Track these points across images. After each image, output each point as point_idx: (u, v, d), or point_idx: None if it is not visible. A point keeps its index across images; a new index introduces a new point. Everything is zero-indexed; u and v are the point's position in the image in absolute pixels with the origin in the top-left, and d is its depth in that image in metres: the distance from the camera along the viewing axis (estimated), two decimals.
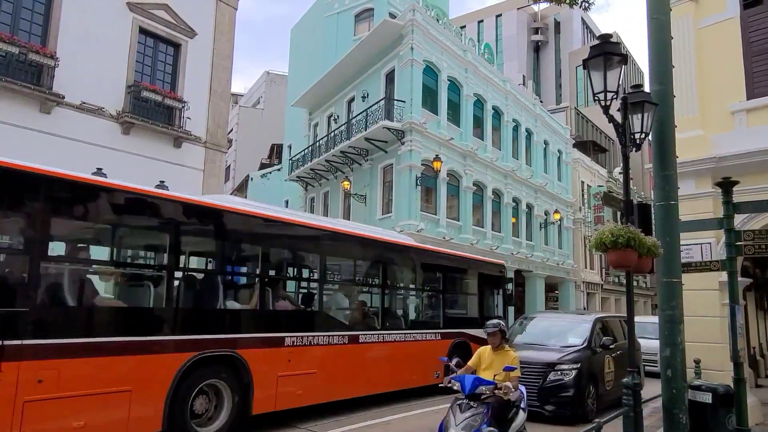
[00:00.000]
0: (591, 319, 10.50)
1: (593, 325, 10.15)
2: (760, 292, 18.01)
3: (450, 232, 21.61)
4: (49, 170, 6.37)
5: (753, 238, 7.59)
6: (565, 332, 10.26)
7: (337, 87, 26.10)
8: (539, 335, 10.44)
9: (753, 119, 9.13)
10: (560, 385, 8.84)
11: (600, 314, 11.48)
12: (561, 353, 9.32)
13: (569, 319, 11.61)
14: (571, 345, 9.67)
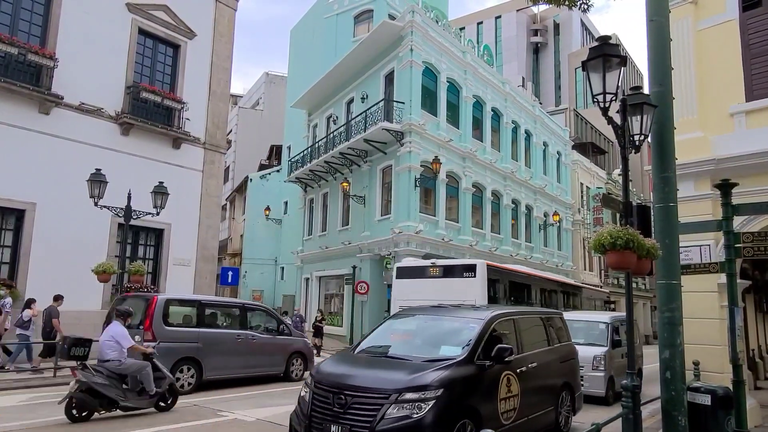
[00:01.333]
0: (484, 318, 6.55)
1: (484, 327, 6.33)
2: (759, 294, 18.00)
3: (449, 233, 21.60)
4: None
5: (752, 240, 7.58)
6: (441, 338, 6.58)
7: (336, 88, 26.10)
8: (400, 343, 6.89)
9: (752, 121, 9.12)
10: (405, 426, 5.10)
11: (504, 309, 7.31)
12: (416, 372, 5.48)
13: (453, 317, 7.00)
14: (443, 358, 5.88)
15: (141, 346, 8.32)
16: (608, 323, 11.88)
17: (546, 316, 8.33)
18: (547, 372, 7.36)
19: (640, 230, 5.40)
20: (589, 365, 10.72)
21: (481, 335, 6.22)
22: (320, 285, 26.37)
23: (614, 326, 12.04)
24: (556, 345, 7.99)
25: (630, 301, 5.86)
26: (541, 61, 66.72)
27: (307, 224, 28.28)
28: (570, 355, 8.36)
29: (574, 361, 8.45)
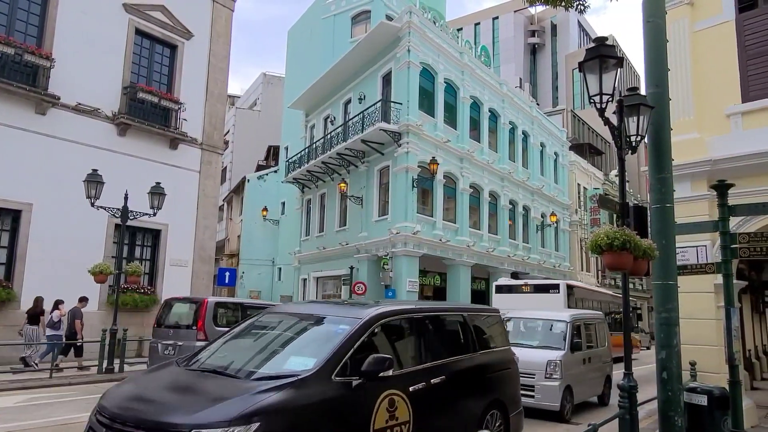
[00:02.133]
0: (361, 318, 4.80)
1: (357, 331, 4.62)
2: (755, 294, 18.05)
3: (446, 234, 21.61)
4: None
5: (748, 240, 7.60)
6: (299, 344, 4.92)
7: (333, 89, 26.10)
8: (242, 351, 5.03)
9: (748, 122, 9.16)
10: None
11: (397, 306, 5.52)
12: (229, 397, 3.81)
13: (328, 316, 5.20)
14: (283, 374, 4.16)
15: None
16: (567, 322, 10.17)
17: (470, 314, 6.44)
18: (464, 388, 5.63)
19: (636, 231, 5.42)
20: (542, 373, 9.18)
21: (348, 342, 4.40)
22: (318, 286, 26.36)
23: (575, 326, 10.26)
24: (482, 352, 6.22)
25: (627, 302, 5.87)
26: (538, 62, 66.83)
27: (305, 225, 28.26)
28: (504, 364, 6.61)
29: (509, 371, 6.68)
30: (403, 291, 19.33)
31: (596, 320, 11.84)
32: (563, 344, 9.72)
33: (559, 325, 10.26)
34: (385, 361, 4.37)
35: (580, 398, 9.82)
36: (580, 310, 14.26)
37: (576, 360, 9.82)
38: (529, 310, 11.91)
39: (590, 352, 10.65)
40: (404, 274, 19.59)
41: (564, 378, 9.15)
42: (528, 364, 9.06)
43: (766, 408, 10.90)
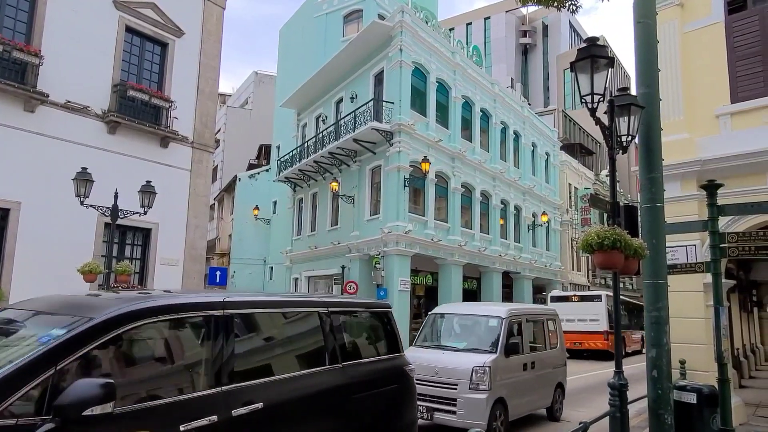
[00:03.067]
0: (86, 320, 2.97)
1: (62, 343, 2.79)
2: (743, 293, 18.24)
3: (438, 233, 21.64)
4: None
5: (737, 240, 7.67)
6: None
7: (325, 88, 26.06)
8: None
9: (737, 123, 9.24)
10: None
11: (153, 301, 3.38)
12: None
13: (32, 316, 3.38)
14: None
15: None
16: (502, 318, 8.30)
17: (329, 312, 4.70)
18: (301, 418, 4.05)
19: (627, 230, 5.44)
20: (466, 382, 7.43)
21: (41, 359, 2.71)
22: (309, 285, 26.31)
23: (512, 323, 8.44)
24: (348, 364, 4.68)
25: (617, 301, 5.90)
26: (529, 62, 67.07)
27: (296, 224, 28.20)
28: (385, 379, 5.10)
29: (391, 390, 5.10)
30: (395, 290, 19.34)
31: (545, 316, 9.95)
32: (496, 346, 7.95)
33: (493, 322, 8.38)
34: (100, 389, 2.60)
35: (519, 413, 8.20)
36: (524, 305, 13.26)
37: (512, 365, 8.09)
38: (464, 306, 10.73)
39: (534, 356, 8.92)
40: (396, 274, 19.59)
41: (494, 389, 7.46)
42: (450, 372, 7.56)
43: (754, 406, 11.01)
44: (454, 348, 8.29)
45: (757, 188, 8.68)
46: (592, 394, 12.71)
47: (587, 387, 14.02)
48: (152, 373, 3.30)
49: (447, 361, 7.76)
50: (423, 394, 7.32)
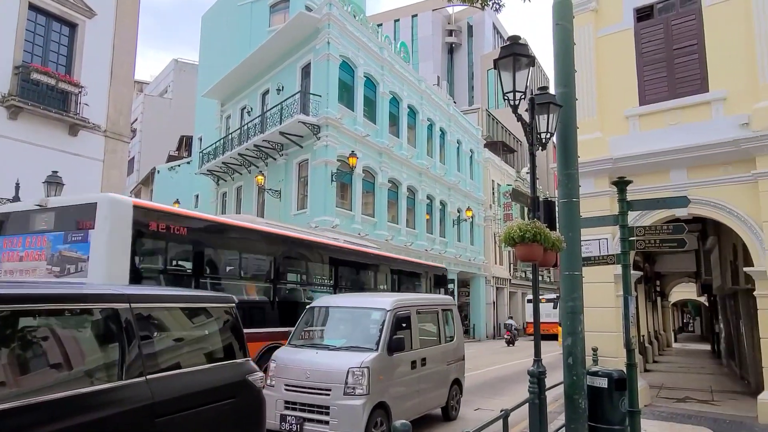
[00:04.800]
0: None
1: None
2: (648, 284, 19.63)
3: (365, 228, 21.67)
4: None
5: (644, 233, 8.18)
6: None
7: (251, 78, 25.35)
8: None
9: (645, 124, 9.87)
10: None
11: None
12: None
13: None
14: None
15: None
16: (387, 311, 7.26)
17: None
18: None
19: (546, 224, 5.65)
20: (340, 387, 6.39)
21: None
22: None
23: (398, 316, 7.40)
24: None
25: (536, 292, 6.12)
26: (455, 61, 68.61)
27: None
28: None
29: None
30: None
31: (440, 307, 9.00)
32: (377, 343, 6.92)
33: (376, 315, 7.35)
34: None
35: (407, 417, 6.92)
36: (416, 294, 11.87)
37: (397, 364, 7.14)
38: (348, 297, 9.16)
39: (426, 351, 7.97)
40: None
41: (373, 393, 6.47)
42: (323, 375, 6.53)
43: (657, 388, 11.86)
44: (330, 347, 7.20)
45: (662, 185, 9.32)
46: (509, 383, 13.20)
47: (505, 377, 14.57)
48: None
49: (320, 362, 6.72)
50: (293, 402, 6.56)
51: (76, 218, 7.02)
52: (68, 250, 7.02)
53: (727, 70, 9.02)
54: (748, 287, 10.00)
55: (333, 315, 7.95)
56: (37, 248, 7.28)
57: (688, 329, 56.26)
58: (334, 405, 6.35)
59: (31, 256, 7.28)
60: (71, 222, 7.03)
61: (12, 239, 7.50)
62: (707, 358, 21.38)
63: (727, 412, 9.28)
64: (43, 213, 7.33)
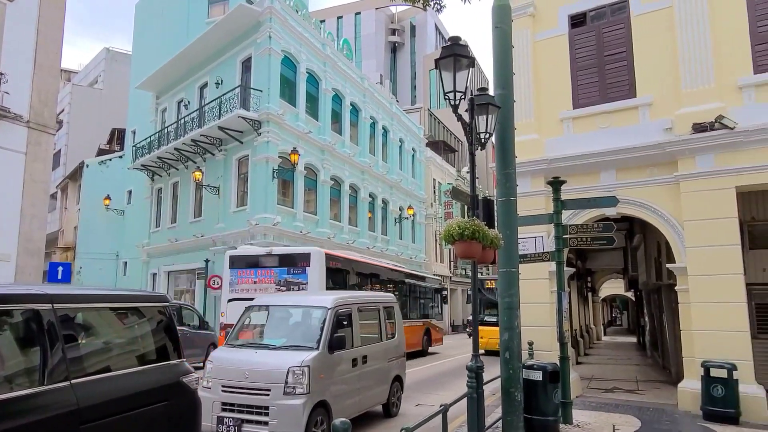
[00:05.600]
0: None
1: None
2: (580, 281, 20.51)
3: (307, 226, 21.47)
4: None
5: (576, 231, 8.54)
6: None
7: (188, 71, 24.52)
8: None
9: (578, 126, 10.28)
10: None
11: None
12: None
13: None
14: None
15: None
16: (328, 309, 7.24)
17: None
18: None
19: (485, 222, 5.77)
20: (280, 386, 6.29)
21: None
22: (169, 280, 24.70)
23: (339, 314, 7.38)
24: None
25: (476, 289, 6.24)
26: (398, 60, 69.08)
27: (155, 215, 26.30)
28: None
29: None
30: None
31: (382, 304, 8.98)
32: (317, 341, 6.86)
33: (316, 313, 7.33)
34: None
35: (348, 415, 7.06)
36: (357, 292, 12.06)
37: (338, 362, 7.08)
38: (288, 295, 9.35)
39: (367, 349, 7.95)
40: None
41: (314, 392, 6.41)
42: (262, 375, 6.42)
43: (588, 379, 12.41)
44: (270, 346, 7.08)
45: (593, 185, 9.74)
46: (451, 377, 13.44)
47: (447, 372, 14.81)
48: None
49: (259, 362, 6.62)
50: (231, 403, 6.44)
51: (295, 260, 13.21)
52: (291, 278, 13.05)
53: (653, 77, 9.53)
54: (670, 282, 10.63)
55: (273, 314, 7.85)
56: (267, 276, 13.32)
57: (617, 323, 59.13)
58: (273, 405, 6.25)
59: (262, 281, 13.30)
60: (290, 262, 13.25)
61: (245, 271, 13.71)
62: (633, 350, 22.58)
63: (650, 401, 9.83)
64: (270, 257, 13.51)
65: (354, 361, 7.51)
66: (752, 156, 8.42)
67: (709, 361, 8.11)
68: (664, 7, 9.50)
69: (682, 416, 8.39)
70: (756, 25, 8.74)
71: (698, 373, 8.26)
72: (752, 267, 9.43)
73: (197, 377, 4.81)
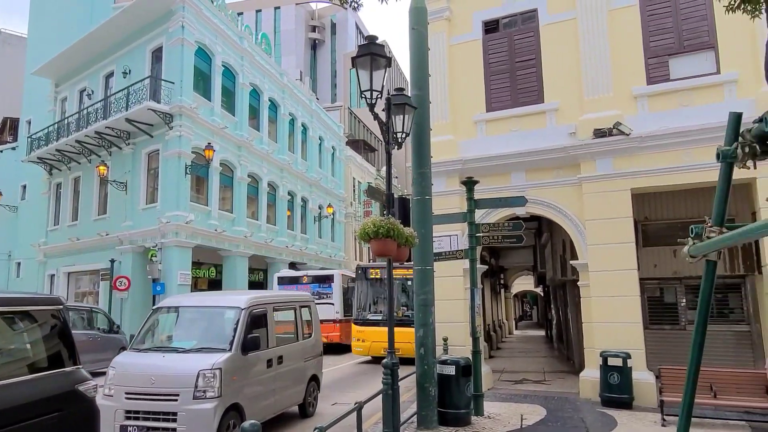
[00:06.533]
0: None
1: None
2: (493, 278, 21.33)
3: (222, 224, 20.78)
4: None
5: (489, 230, 8.86)
6: None
7: (92, 58, 22.93)
8: None
9: (491, 129, 10.68)
10: None
11: None
12: None
13: None
14: None
15: None
16: (241, 309, 7.01)
17: None
18: None
19: (400, 220, 5.85)
20: (190, 390, 6.05)
21: None
22: (69, 282, 23.03)
23: (253, 314, 7.17)
24: None
25: (391, 286, 6.31)
26: (318, 57, 68.53)
27: (53, 212, 24.40)
28: None
29: None
30: (173, 284, 18.02)
31: (298, 303, 8.88)
32: (230, 343, 6.64)
33: (229, 314, 7.08)
34: None
35: (263, 417, 7.00)
36: (273, 291, 12.30)
37: (252, 364, 6.90)
38: (199, 296, 9.24)
39: (283, 349, 7.82)
40: (175, 267, 18.27)
41: (226, 395, 6.21)
42: (170, 379, 6.17)
43: (499, 372, 12.93)
44: (179, 349, 6.79)
45: (505, 186, 10.15)
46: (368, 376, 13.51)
47: (365, 371, 14.88)
48: None
49: (167, 366, 6.34)
50: (135, 411, 6.09)
51: (324, 278, 19.79)
52: (321, 290, 19.19)
53: (559, 84, 10.08)
54: (574, 278, 11.29)
55: (183, 316, 7.55)
56: (304, 290, 17.62)
57: (528, 317, 62.08)
58: (182, 410, 5.98)
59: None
60: (320, 279, 19.74)
61: (287, 287, 19.22)
62: (542, 343, 23.83)
63: (556, 390, 10.41)
64: (306, 278, 19.88)
65: (269, 361, 7.35)
66: (645, 161, 9.12)
67: (607, 351, 8.70)
68: (569, 19, 10.07)
69: (583, 403, 8.94)
70: (649, 40, 9.48)
71: (597, 362, 8.83)
72: (645, 263, 10.21)
73: (95, 384, 4.52)
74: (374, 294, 17.07)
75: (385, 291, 14.97)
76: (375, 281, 17.14)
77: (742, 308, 9.95)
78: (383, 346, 12.54)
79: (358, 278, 17.26)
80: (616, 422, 7.62)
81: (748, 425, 7.43)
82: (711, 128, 8.25)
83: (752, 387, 7.32)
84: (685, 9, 9.24)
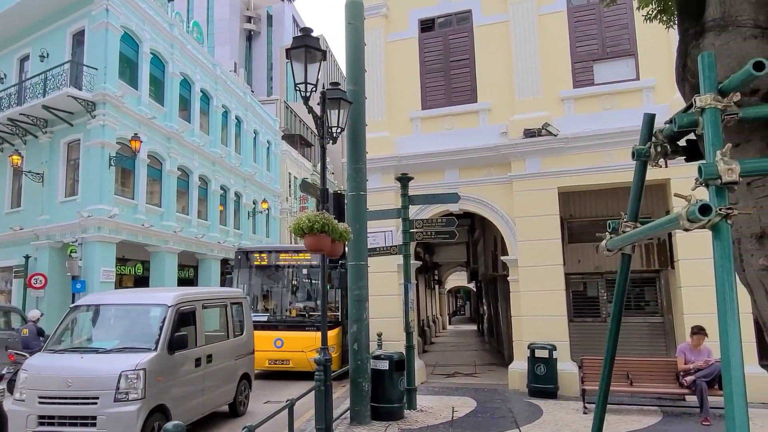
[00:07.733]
0: None
1: None
2: (427, 273, 21.67)
3: (150, 219, 19.90)
4: None
5: (422, 225, 8.98)
6: None
7: (4, 39, 21.30)
8: None
9: (426, 127, 10.82)
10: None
11: None
12: None
13: None
14: None
15: None
16: (168, 306, 6.75)
17: None
18: None
19: (335, 216, 5.81)
20: (111, 393, 5.79)
21: None
22: None
23: (181, 312, 6.93)
24: None
25: (324, 282, 6.25)
26: (254, 49, 66.96)
27: None
28: None
29: None
30: (95, 282, 17.06)
31: (229, 300, 8.60)
32: (156, 342, 6.38)
33: (155, 312, 6.82)
34: None
35: (190, 418, 6.85)
36: (202, 288, 11.45)
37: (179, 363, 6.68)
38: (122, 294, 8.90)
39: (212, 348, 7.59)
40: (98, 263, 17.31)
41: (150, 396, 5.99)
42: (88, 381, 5.89)
43: (433, 366, 13.16)
44: (100, 350, 6.44)
45: (439, 182, 10.32)
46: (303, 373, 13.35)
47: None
48: None
49: (86, 367, 6.03)
50: (50, 416, 5.77)
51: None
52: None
53: (492, 84, 10.35)
54: (504, 274, 11.65)
55: (104, 314, 7.20)
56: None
57: (461, 312, 63.55)
58: (102, 414, 5.72)
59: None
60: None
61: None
62: (474, 337, 24.47)
63: (486, 382, 10.71)
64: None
65: (198, 360, 7.12)
66: (571, 161, 9.54)
67: (534, 344, 9.04)
68: (502, 21, 10.36)
69: (512, 394, 9.25)
70: (575, 45, 9.91)
71: (525, 354, 9.16)
72: (570, 259, 10.69)
73: (2, 389, 4.21)
74: (261, 286, 13.75)
75: (274, 282, 13.45)
76: (261, 269, 13.69)
77: (656, 301, 10.62)
78: (270, 356, 11.73)
79: (238, 266, 13.66)
80: (542, 411, 7.94)
81: (660, 410, 7.94)
82: (630, 131, 8.72)
83: (664, 374, 7.84)
84: (608, 17, 9.72)
